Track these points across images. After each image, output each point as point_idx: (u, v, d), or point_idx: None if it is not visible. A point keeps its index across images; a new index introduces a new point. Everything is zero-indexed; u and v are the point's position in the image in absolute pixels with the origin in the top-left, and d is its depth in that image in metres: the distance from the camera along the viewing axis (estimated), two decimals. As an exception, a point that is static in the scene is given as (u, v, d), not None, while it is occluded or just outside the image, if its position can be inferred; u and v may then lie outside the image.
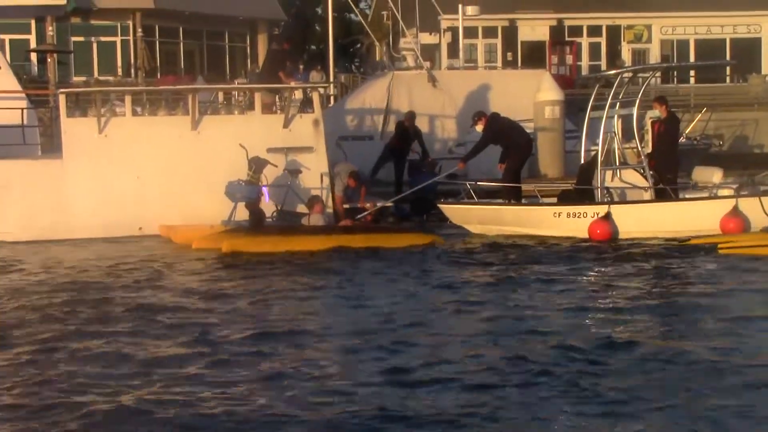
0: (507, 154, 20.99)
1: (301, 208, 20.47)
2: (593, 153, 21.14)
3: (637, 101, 20.68)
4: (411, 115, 24.94)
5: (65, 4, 41.33)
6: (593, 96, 21.98)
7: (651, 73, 25.97)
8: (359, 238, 19.13)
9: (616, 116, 20.42)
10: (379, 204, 21.17)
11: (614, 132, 20.26)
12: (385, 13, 45.38)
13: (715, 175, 20.57)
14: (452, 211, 20.74)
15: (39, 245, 19.72)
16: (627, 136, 21.48)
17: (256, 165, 19.96)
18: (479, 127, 21.07)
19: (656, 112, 21.50)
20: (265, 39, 48.65)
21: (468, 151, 21.64)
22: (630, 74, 22.35)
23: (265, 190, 20.13)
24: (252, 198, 19.78)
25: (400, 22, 29.69)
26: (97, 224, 20.44)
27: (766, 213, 19.04)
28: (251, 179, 19.79)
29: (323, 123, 21.82)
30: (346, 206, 20.95)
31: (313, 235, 19.13)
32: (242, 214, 19.92)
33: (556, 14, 48.25)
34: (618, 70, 22.88)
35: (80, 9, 43.03)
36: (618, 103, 20.61)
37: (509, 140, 20.94)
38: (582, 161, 21.23)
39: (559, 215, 19.76)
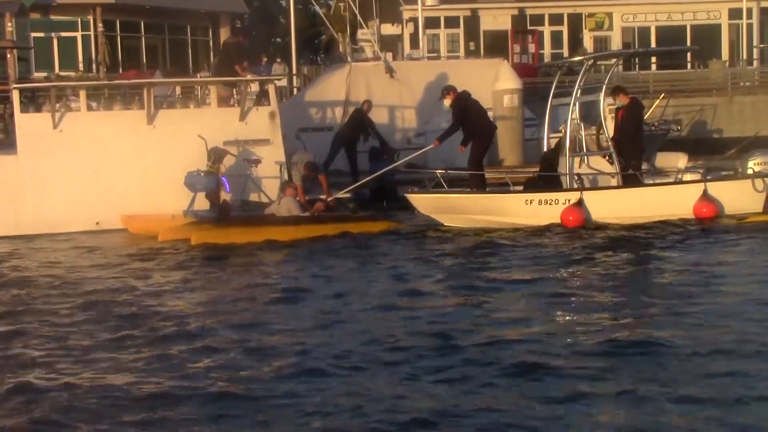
0: (470, 138, 20.86)
1: (255, 197, 20.57)
2: (556, 140, 21.25)
3: (603, 87, 20.77)
4: (368, 104, 24.98)
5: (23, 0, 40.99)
6: (554, 84, 22.08)
7: (615, 60, 26.21)
8: (326, 227, 19.23)
9: (577, 103, 20.44)
10: (336, 194, 21.03)
11: (577, 119, 20.32)
12: (342, 4, 45.34)
13: (680, 160, 20.73)
14: (420, 200, 20.14)
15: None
16: (589, 123, 21.55)
17: (216, 155, 20.02)
18: (447, 101, 20.86)
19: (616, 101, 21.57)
20: (228, 32, 48.49)
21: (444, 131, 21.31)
22: (593, 61, 22.42)
23: (225, 180, 20.16)
24: (211, 188, 19.83)
25: (357, 13, 29.67)
26: (54, 219, 20.39)
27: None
28: (210, 170, 19.81)
29: (280, 115, 21.85)
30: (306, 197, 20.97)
31: (279, 226, 19.16)
32: (201, 204, 19.94)
33: (518, 3, 48.32)
34: (582, 57, 22.97)
35: (40, 4, 42.73)
36: (580, 91, 20.69)
37: (475, 125, 20.69)
38: (544, 149, 21.29)
39: (531, 203, 19.65)
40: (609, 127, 20.76)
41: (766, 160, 20.16)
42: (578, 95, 20.54)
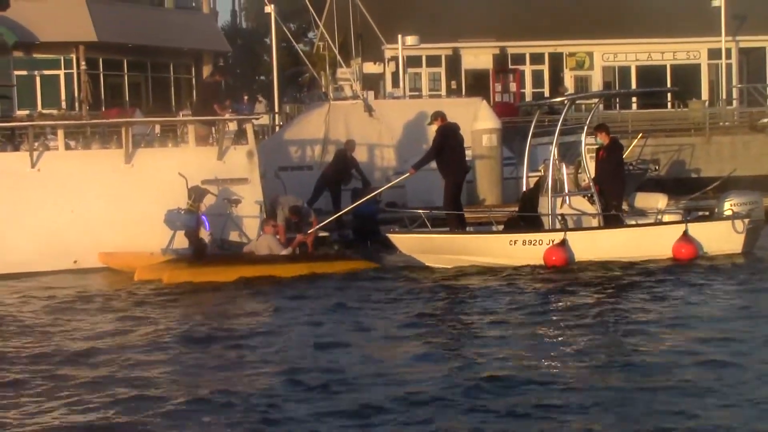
0: (441, 170, 20.90)
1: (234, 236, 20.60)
2: (535, 180, 21.35)
3: (585, 127, 20.90)
4: (351, 144, 25.11)
5: (2, 38, 41.04)
6: (533, 123, 22.22)
7: (597, 100, 26.41)
8: (297, 267, 19.23)
9: (555, 144, 20.51)
10: (313, 230, 20.97)
11: (557, 159, 20.42)
12: (321, 44, 45.56)
13: (660, 201, 20.85)
14: (402, 241, 20.12)
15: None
16: (569, 162, 21.68)
17: (196, 194, 20.09)
18: (434, 126, 21.00)
19: (597, 139, 21.70)
20: (210, 70, 48.63)
21: (420, 158, 21.42)
22: (572, 101, 22.57)
23: (204, 218, 20.21)
24: (191, 226, 19.89)
25: (336, 52, 29.82)
26: (31, 258, 20.38)
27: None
28: (191, 208, 19.87)
29: (258, 154, 21.93)
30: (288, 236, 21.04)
31: (252, 265, 19.18)
32: (181, 242, 19.97)
33: (499, 42, 48.57)
34: (562, 98, 23.12)
35: (23, 43, 42.79)
36: (561, 131, 20.79)
37: (449, 160, 20.72)
38: (523, 188, 21.37)
39: (515, 243, 19.65)
40: (590, 167, 20.87)
41: (741, 201, 20.32)
42: (559, 135, 20.62)
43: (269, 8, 31.31)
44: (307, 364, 12.03)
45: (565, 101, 22.17)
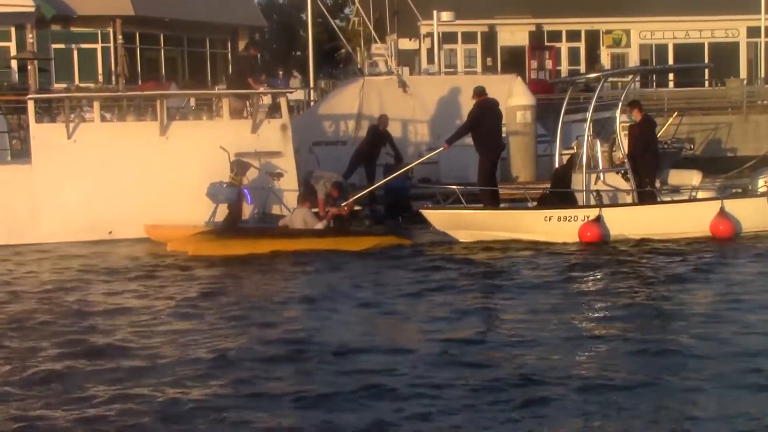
0: (476, 146, 20.93)
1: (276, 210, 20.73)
2: (568, 157, 21.31)
3: (619, 104, 20.85)
4: (384, 119, 25.13)
5: (41, 12, 41.32)
6: (566, 100, 22.19)
7: (632, 77, 26.27)
8: (325, 241, 19.26)
9: (589, 120, 20.48)
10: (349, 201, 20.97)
11: (593, 135, 20.39)
12: (356, 19, 45.56)
13: (694, 177, 20.78)
14: (436, 216, 20.05)
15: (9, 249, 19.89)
16: (602, 139, 21.62)
17: (239, 167, 20.19)
18: (474, 100, 21.00)
19: (630, 116, 21.64)
20: (246, 45, 48.78)
21: (453, 132, 21.38)
22: (606, 78, 22.48)
23: (246, 192, 20.33)
24: (233, 199, 19.98)
25: (371, 28, 29.82)
26: (66, 229, 20.59)
27: None
28: (233, 181, 19.98)
29: (292, 128, 22.01)
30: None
31: (279, 239, 19.29)
32: (223, 214, 20.10)
33: (535, 19, 48.45)
34: (598, 74, 23.00)
35: (60, 16, 43.12)
36: (595, 107, 20.75)
37: (484, 136, 20.65)
38: (556, 165, 21.34)
39: (549, 219, 19.61)
40: (623, 143, 20.81)
41: None
42: (593, 112, 20.56)
43: (305, -18, 31.35)
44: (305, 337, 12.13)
45: (601, 77, 22.07)
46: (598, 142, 20.42)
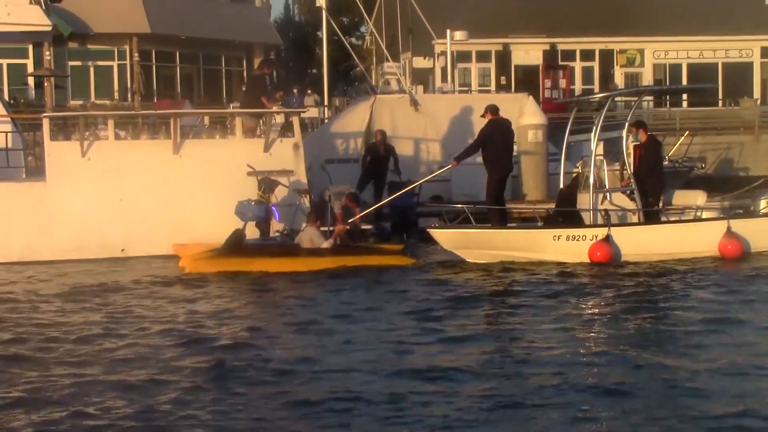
0: (485, 164, 21.03)
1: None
2: (573, 176, 21.40)
3: (626, 124, 20.95)
4: (381, 134, 25.07)
5: (58, 29, 41.64)
6: (570, 120, 22.30)
7: (637, 97, 26.36)
8: (324, 261, 19.32)
9: (595, 140, 20.56)
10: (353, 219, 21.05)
11: (602, 155, 20.47)
12: (370, 38, 45.83)
13: (699, 198, 20.86)
14: (443, 236, 20.00)
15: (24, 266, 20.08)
16: (612, 159, 21.71)
17: (266, 185, 20.38)
18: (487, 117, 21.14)
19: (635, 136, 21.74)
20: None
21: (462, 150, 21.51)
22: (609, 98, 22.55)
23: (274, 209, 20.50)
24: (261, 217, 20.15)
25: (383, 47, 30.02)
26: (80, 246, 20.77)
27: None
28: (261, 199, 20.16)
29: (304, 146, 22.18)
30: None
31: (275, 257, 19.39)
32: (252, 232, 20.28)
33: (549, 38, 48.63)
34: (603, 94, 23.10)
35: (77, 34, 43.46)
36: (602, 127, 20.82)
37: (492, 155, 20.75)
38: (560, 185, 21.43)
39: (558, 238, 19.63)
40: (629, 163, 20.90)
41: None
42: (599, 131, 20.66)
43: (320, 1, 31.56)
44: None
45: (608, 97, 22.15)
46: (605, 162, 20.52)
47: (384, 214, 23.11)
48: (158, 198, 21.15)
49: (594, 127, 20.68)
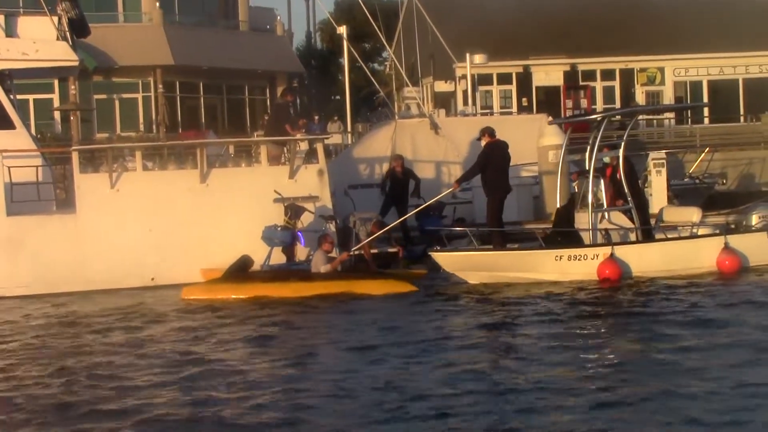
0: (484, 187, 21.32)
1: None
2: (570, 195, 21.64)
3: (623, 143, 21.11)
4: (397, 158, 25.26)
5: (83, 63, 42.18)
6: (565, 140, 22.50)
7: (634, 116, 26.56)
8: (315, 286, 19.42)
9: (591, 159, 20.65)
10: (358, 246, 21.30)
11: (598, 175, 20.64)
12: (387, 63, 46.27)
13: (694, 214, 21.09)
14: (445, 259, 20.27)
15: (55, 297, 20.43)
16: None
17: (293, 211, 20.71)
18: (483, 142, 21.44)
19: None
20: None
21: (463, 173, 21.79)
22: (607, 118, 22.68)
23: (300, 235, 20.82)
24: (287, 242, 20.45)
25: (403, 72, 30.42)
26: (110, 276, 21.15)
27: None
28: (287, 224, 20.49)
29: (328, 172, 22.52)
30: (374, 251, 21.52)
31: (268, 283, 19.61)
32: (278, 257, 20.59)
33: (570, 59, 48.87)
34: (597, 114, 23.31)
35: (102, 67, 44.06)
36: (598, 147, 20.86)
37: (491, 178, 21.04)
38: (557, 204, 21.60)
39: (560, 258, 19.77)
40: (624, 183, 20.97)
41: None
42: (596, 151, 20.56)
43: (341, 30, 32.05)
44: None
45: (606, 117, 22.13)
46: (602, 181, 20.70)
47: (413, 237, 23.38)
48: (187, 227, 21.51)
49: (589, 147, 20.87)
